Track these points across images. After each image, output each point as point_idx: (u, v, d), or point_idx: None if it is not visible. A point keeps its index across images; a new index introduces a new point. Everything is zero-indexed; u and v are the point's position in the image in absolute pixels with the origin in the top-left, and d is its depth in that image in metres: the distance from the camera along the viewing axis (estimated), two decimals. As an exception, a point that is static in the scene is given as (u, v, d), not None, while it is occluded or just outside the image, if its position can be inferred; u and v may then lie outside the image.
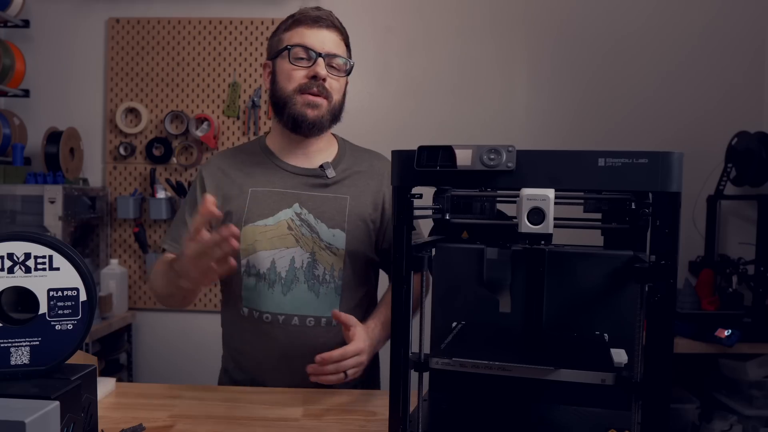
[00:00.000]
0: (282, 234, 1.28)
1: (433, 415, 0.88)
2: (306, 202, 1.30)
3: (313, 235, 1.29)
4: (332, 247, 1.29)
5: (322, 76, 1.25)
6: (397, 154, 0.79)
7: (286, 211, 1.29)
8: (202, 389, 1.24)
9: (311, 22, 1.27)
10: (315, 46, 1.26)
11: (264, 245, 1.27)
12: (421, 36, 2.69)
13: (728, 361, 2.30)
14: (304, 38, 1.26)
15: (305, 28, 1.27)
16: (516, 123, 2.67)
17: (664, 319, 0.69)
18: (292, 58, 1.26)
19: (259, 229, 1.28)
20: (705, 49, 2.61)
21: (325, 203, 1.31)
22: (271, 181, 1.32)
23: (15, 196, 2.44)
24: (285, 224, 1.28)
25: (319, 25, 1.27)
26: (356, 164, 1.38)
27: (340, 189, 1.33)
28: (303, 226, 1.29)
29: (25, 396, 0.70)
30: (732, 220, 2.62)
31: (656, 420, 0.69)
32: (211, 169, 1.36)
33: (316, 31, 1.27)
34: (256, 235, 1.28)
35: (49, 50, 2.77)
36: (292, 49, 1.26)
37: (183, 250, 1.10)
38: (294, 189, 1.31)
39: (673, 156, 0.68)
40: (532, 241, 0.74)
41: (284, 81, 1.28)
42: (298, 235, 1.28)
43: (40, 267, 0.77)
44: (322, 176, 1.32)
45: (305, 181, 1.32)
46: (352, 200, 1.32)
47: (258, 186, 1.31)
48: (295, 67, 1.26)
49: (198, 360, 2.54)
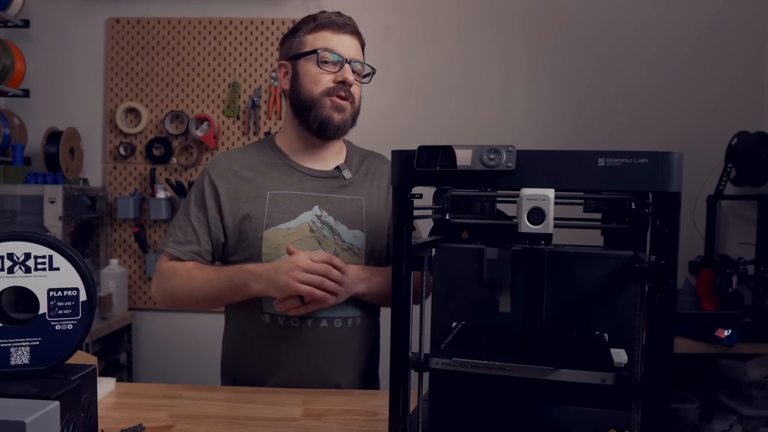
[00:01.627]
0: (305, 237, 1.28)
1: (433, 415, 0.88)
2: (325, 204, 1.31)
3: (335, 237, 1.30)
4: (354, 248, 1.30)
5: (350, 82, 1.28)
6: (397, 154, 0.79)
7: (307, 214, 1.30)
8: (202, 389, 1.24)
9: (337, 27, 1.29)
10: (341, 52, 1.28)
11: None
12: (421, 36, 2.69)
13: (728, 361, 2.30)
14: (330, 43, 1.28)
15: (331, 33, 1.29)
16: (516, 123, 2.67)
17: (664, 319, 0.69)
18: (320, 61, 1.27)
19: (282, 233, 1.28)
20: (705, 49, 2.61)
21: (343, 205, 1.32)
22: (288, 183, 1.32)
23: (15, 196, 2.44)
24: (307, 227, 1.29)
25: (344, 31, 1.29)
26: (364, 166, 1.40)
27: (354, 191, 1.35)
28: (324, 228, 1.30)
29: (25, 396, 0.70)
30: (732, 220, 2.62)
31: (656, 420, 0.69)
32: (220, 170, 1.34)
33: (341, 37, 1.29)
34: (279, 239, 1.28)
35: (49, 50, 2.77)
36: (321, 53, 1.27)
37: (280, 263, 1.18)
38: (313, 191, 1.32)
39: (673, 156, 0.68)
40: (532, 241, 0.74)
41: (310, 84, 1.28)
42: (320, 237, 1.29)
43: (40, 267, 0.77)
44: (338, 178, 1.34)
45: (323, 184, 1.33)
46: (367, 201, 1.34)
47: (276, 189, 1.31)
48: (323, 71, 1.27)
49: (198, 360, 2.54)
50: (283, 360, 1.28)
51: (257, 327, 1.30)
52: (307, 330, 1.27)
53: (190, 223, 1.32)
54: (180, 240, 1.32)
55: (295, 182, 1.32)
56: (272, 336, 1.28)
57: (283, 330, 1.28)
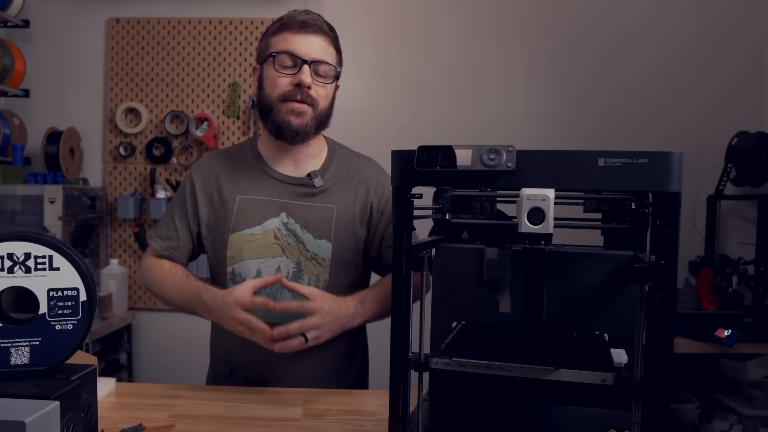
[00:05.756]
0: (268, 243, 1.27)
1: (433, 415, 0.88)
2: (293, 211, 1.29)
3: (299, 245, 1.28)
4: (318, 258, 1.28)
5: (306, 84, 1.22)
6: (397, 154, 0.79)
7: (273, 221, 1.28)
8: (202, 389, 1.24)
9: (298, 27, 1.23)
10: (301, 53, 1.22)
11: (250, 254, 1.27)
12: (421, 36, 2.69)
13: (728, 361, 2.30)
14: (289, 44, 1.23)
15: (291, 33, 1.23)
16: (516, 123, 2.67)
17: (664, 319, 0.69)
18: (277, 65, 1.23)
19: (246, 238, 1.28)
20: (705, 49, 2.61)
21: (311, 213, 1.29)
22: (259, 188, 1.30)
23: (15, 196, 2.44)
24: (272, 233, 1.28)
25: (305, 31, 1.23)
26: (344, 171, 1.34)
27: (327, 198, 1.31)
28: (289, 235, 1.28)
29: (25, 396, 0.70)
30: (732, 220, 2.62)
31: (656, 420, 0.69)
32: (203, 172, 1.34)
33: (302, 37, 1.23)
34: (243, 244, 1.27)
35: (49, 50, 2.77)
36: (278, 56, 1.23)
37: (224, 299, 1.16)
38: (281, 198, 1.30)
39: (673, 156, 0.68)
40: (532, 241, 0.74)
41: (269, 87, 1.25)
42: (284, 244, 1.28)
43: (40, 267, 0.77)
44: (309, 185, 1.30)
45: (293, 190, 1.30)
46: (339, 210, 1.30)
47: (246, 193, 1.30)
48: (280, 74, 1.23)
49: (198, 360, 2.52)
50: (260, 363, 1.28)
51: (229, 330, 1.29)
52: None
53: (172, 220, 1.35)
54: (162, 235, 1.35)
55: (264, 187, 1.30)
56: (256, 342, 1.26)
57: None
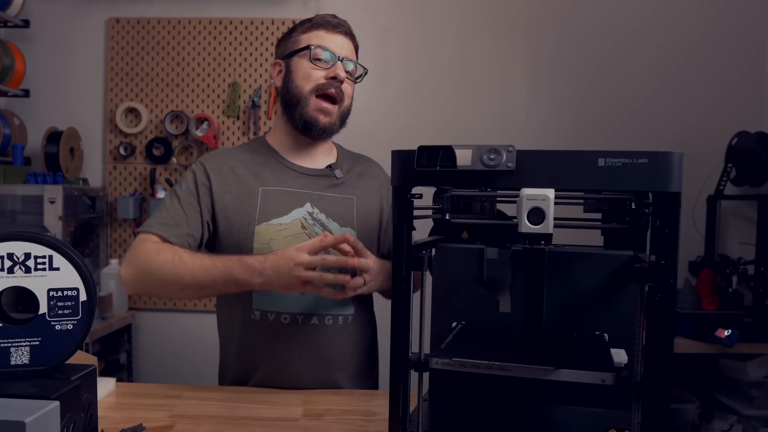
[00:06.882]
0: (296, 233, 1.28)
1: (433, 415, 0.88)
2: (317, 201, 1.32)
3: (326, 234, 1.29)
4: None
5: (341, 78, 1.29)
6: (397, 154, 0.79)
7: (299, 210, 1.30)
8: (202, 389, 1.24)
9: (332, 27, 1.32)
10: (335, 50, 1.30)
11: (280, 244, 1.26)
12: (421, 36, 2.69)
13: (728, 361, 2.30)
14: (324, 41, 1.30)
15: (325, 32, 1.31)
16: (516, 123, 2.67)
17: (664, 319, 0.69)
18: (312, 57, 1.29)
19: (274, 228, 1.28)
20: (705, 50, 2.61)
21: (334, 203, 1.33)
22: (281, 180, 1.33)
23: (15, 196, 2.44)
24: (299, 223, 1.29)
25: (338, 31, 1.32)
26: (355, 167, 1.42)
27: (345, 190, 1.36)
28: (316, 225, 1.30)
29: (25, 396, 0.70)
30: (732, 220, 2.62)
31: (656, 420, 0.69)
32: (215, 163, 1.33)
33: (336, 36, 1.32)
34: (271, 234, 1.27)
35: (49, 50, 2.77)
36: (314, 49, 1.29)
37: (283, 252, 1.14)
38: (304, 189, 1.33)
39: (673, 156, 0.68)
40: (532, 241, 0.74)
41: (301, 79, 1.30)
42: (312, 233, 1.29)
43: (40, 267, 0.77)
44: (330, 176, 1.36)
45: (314, 182, 1.34)
46: (358, 200, 1.36)
47: (268, 185, 1.32)
48: (315, 67, 1.30)
49: (198, 360, 2.53)
50: (274, 358, 1.27)
51: (247, 324, 1.29)
52: (297, 328, 1.27)
53: (180, 208, 1.27)
54: (167, 222, 1.25)
55: (287, 179, 1.33)
56: (263, 333, 1.28)
57: (273, 327, 1.27)
